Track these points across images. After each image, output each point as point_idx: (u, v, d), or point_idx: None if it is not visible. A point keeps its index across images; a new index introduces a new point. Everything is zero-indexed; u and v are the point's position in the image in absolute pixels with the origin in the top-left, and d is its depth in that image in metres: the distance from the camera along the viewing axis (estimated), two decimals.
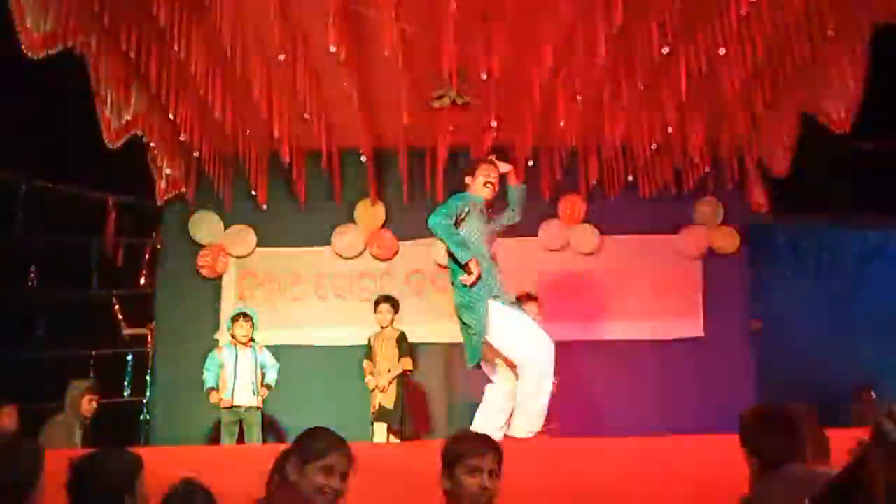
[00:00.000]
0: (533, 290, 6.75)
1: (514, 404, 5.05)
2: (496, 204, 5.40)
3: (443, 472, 2.72)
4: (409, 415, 7.33)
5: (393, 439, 6.90)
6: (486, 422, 5.08)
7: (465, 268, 4.99)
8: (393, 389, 6.92)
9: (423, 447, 2.94)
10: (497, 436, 5.04)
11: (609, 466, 4.18)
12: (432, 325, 7.99)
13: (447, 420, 7.81)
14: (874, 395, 7.88)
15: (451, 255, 5.11)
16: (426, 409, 7.90)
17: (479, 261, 4.99)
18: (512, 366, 5.14)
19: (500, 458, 2.74)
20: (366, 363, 7.09)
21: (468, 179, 5.34)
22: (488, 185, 5.28)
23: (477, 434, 2.84)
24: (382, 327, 7.10)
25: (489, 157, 5.52)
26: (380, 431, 6.86)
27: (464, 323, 5.15)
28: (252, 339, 6.90)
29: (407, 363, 7.02)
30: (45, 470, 2.85)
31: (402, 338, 7.10)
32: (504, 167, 5.42)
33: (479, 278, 4.98)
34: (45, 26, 5.06)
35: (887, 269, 8.87)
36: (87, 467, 2.75)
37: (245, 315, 6.94)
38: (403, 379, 7.09)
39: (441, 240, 5.13)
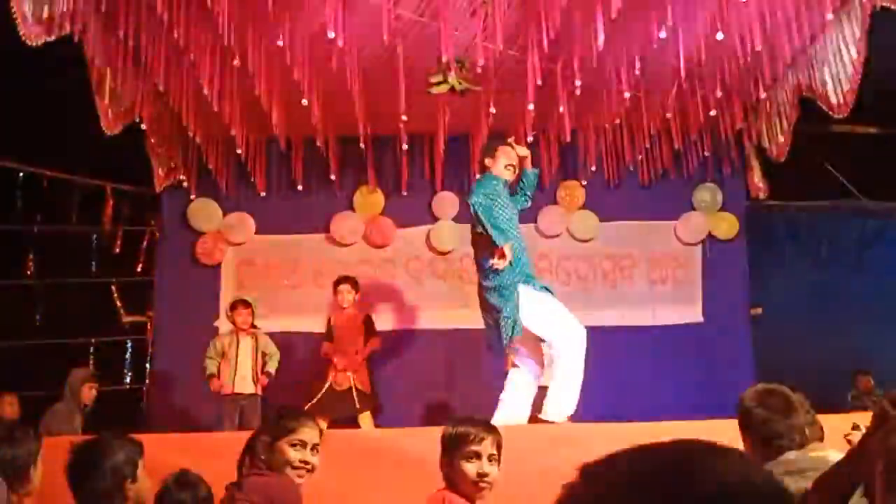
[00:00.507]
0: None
1: (550, 388, 5.03)
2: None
3: (442, 458, 2.72)
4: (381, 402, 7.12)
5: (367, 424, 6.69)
6: (512, 406, 5.06)
7: (496, 252, 4.90)
8: (365, 372, 6.79)
9: (425, 434, 2.94)
10: (522, 420, 5.05)
11: (609, 451, 4.18)
12: (431, 312, 8.00)
13: (448, 408, 7.82)
14: (872, 381, 7.90)
15: (478, 237, 5.06)
16: (422, 396, 7.91)
17: (511, 244, 4.94)
18: (539, 353, 5.11)
19: (500, 444, 2.74)
20: (326, 345, 6.91)
21: (488, 161, 5.29)
22: (510, 168, 5.27)
23: (476, 419, 2.84)
24: (343, 308, 6.91)
25: (508, 140, 5.51)
26: (366, 421, 6.71)
27: (492, 306, 5.07)
28: (254, 325, 6.92)
29: (376, 343, 6.87)
30: (42, 455, 2.87)
31: (367, 319, 6.95)
32: (522, 151, 5.40)
33: (509, 262, 4.91)
34: (42, 13, 5.04)
35: (887, 254, 8.87)
36: (88, 453, 2.76)
37: (244, 302, 6.95)
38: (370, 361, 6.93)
39: (480, 220, 5.00)
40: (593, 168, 8.01)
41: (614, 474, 0.73)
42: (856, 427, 3.51)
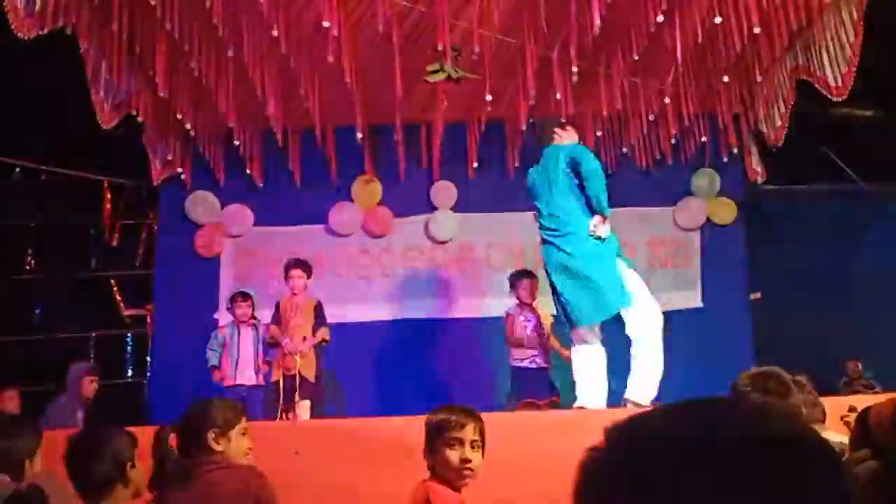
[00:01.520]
0: (529, 267, 6.76)
1: (635, 369, 4.99)
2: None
3: (426, 446, 2.72)
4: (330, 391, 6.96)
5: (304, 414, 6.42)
6: (598, 386, 5.04)
7: (600, 219, 5.00)
8: (312, 360, 6.54)
9: (413, 421, 2.94)
10: (600, 403, 5.02)
11: None
12: (429, 301, 8.01)
13: (449, 397, 7.82)
14: (860, 366, 7.94)
15: (570, 203, 5.08)
16: (423, 385, 7.92)
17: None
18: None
19: (482, 430, 2.73)
20: (274, 328, 6.65)
21: (569, 131, 5.34)
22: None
23: (457, 406, 2.83)
24: (295, 293, 6.68)
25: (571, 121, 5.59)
26: (304, 409, 6.38)
27: (586, 276, 4.99)
28: (254, 317, 6.91)
29: (325, 333, 6.63)
30: (42, 449, 2.89)
31: (319, 306, 6.71)
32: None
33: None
34: (35, 5, 5.02)
35: (885, 237, 8.86)
36: (87, 441, 2.79)
37: (244, 295, 6.95)
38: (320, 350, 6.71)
39: (593, 185, 5.04)
40: None
41: (641, 431, 0.73)
42: (853, 409, 3.51)
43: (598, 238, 5.00)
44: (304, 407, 6.38)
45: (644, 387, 4.92)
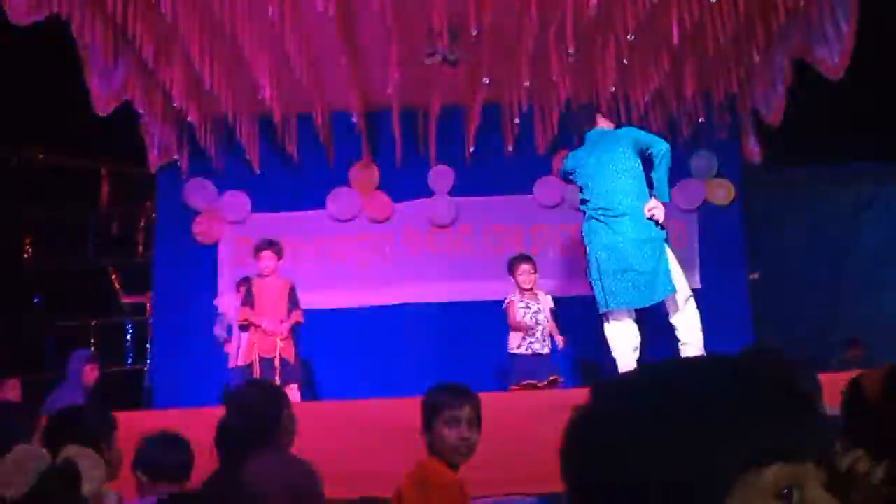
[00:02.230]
0: (526, 252, 6.78)
1: (688, 351, 5.27)
2: None
3: (423, 427, 2.74)
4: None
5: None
6: (627, 361, 5.22)
7: (660, 204, 5.18)
8: (291, 341, 6.49)
9: (411, 402, 2.97)
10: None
11: None
12: (427, 285, 8.02)
13: (433, 382, 7.83)
14: (861, 354, 7.95)
15: (634, 186, 5.24)
16: (424, 369, 7.94)
17: None
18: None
19: (479, 408, 2.76)
20: (246, 310, 6.49)
21: (606, 118, 5.66)
22: None
23: (453, 385, 2.86)
24: (266, 275, 6.53)
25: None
26: (294, 393, 6.22)
27: (633, 260, 5.15)
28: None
29: (299, 315, 6.54)
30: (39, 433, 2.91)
31: (293, 289, 6.59)
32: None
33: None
34: None
35: (883, 217, 8.87)
36: (63, 420, 2.83)
37: (245, 280, 6.94)
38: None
39: (664, 169, 5.24)
40: None
41: (627, 385, 0.76)
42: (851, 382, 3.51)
43: (656, 222, 5.16)
44: (293, 391, 6.28)
45: None
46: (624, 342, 5.27)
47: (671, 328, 5.37)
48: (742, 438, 0.69)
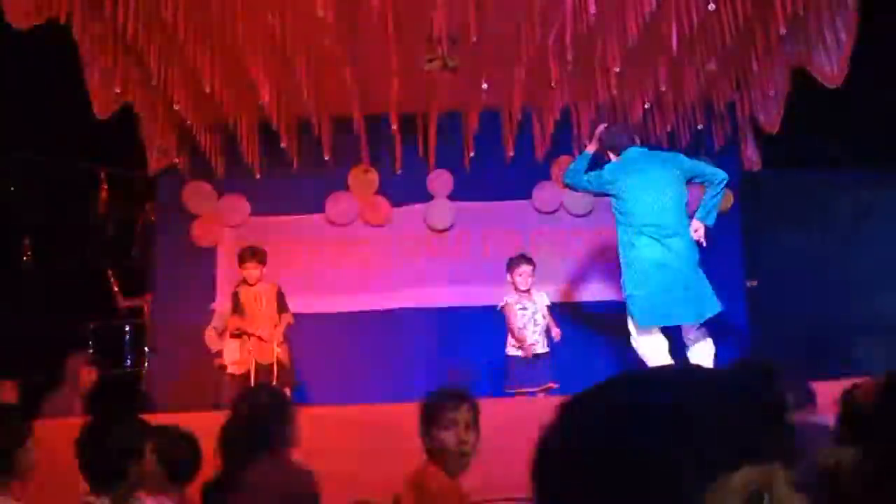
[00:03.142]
0: (526, 253, 6.79)
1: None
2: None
3: (421, 431, 2.75)
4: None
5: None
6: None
7: (703, 227, 5.55)
8: (286, 346, 6.53)
9: (408, 408, 2.99)
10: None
11: None
12: (425, 289, 8.02)
13: (430, 387, 7.83)
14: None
15: (681, 208, 5.55)
16: (422, 373, 7.94)
17: None
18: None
19: (476, 411, 2.77)
20: (236, 319, 6.51)
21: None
22: None
23: (450, 389, 2.88)
24: (251, 284, 6.55)
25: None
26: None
27: (685, 278, 5.46)
28: None
29: (290, 317, 6.57)
30: (33, 437, 2.90)
31: (280, 294, 6.60)
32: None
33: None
34: None
35: (882, 224, 8.88)
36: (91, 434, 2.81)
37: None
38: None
39: (718, 195, 5.65)
40: (587, 143, 7.98)
41: (589, 402, 0.77)
42: (846, 391, 3.51)
43: (699, 244, 5.51)
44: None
45: None
46: (662, 355, 5.47)
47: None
48: (708, 445, 0.70)
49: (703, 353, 5.48)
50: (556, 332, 6.38)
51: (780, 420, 0.76)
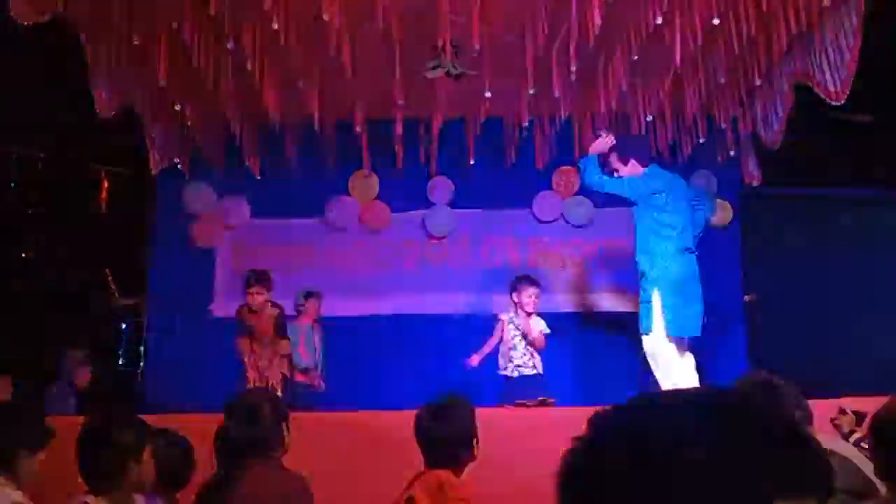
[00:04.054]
0: (526, 269, 6.81)
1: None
2: None
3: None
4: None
5: None
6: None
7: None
8: (287, 366, 6.58)
9: (407, 415, 3.00)
10: None
11: None
12: (424, 296, 8.01)
13: (428, 394, 7.80)
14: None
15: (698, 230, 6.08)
16: (423, 380, 7.92)
17: None
18: None
19: (473, 415, 2.80)
20: (243, 341, 6.48)
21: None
22: None
23: (451, 394, 2.91)
24: (255, 310, 6.44)
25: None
26: None
27: (700, 293, 5.88)
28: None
29: (286, 347, 6.54)
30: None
31: (279, 319, 6.53)
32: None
33: None
34: None
35: (882, 242, 8.88)
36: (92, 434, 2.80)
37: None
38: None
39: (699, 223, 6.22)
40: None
41: (627, 421, 0.75)
42: (842, 411, 3.52)
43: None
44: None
45: None
46: (686, 365, 5.76)
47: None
48: (746, 479, 0.69)
49: (689, 366, 5.78)
50: (533, 337, 6.30)
51: (812, 448, 0.75)
